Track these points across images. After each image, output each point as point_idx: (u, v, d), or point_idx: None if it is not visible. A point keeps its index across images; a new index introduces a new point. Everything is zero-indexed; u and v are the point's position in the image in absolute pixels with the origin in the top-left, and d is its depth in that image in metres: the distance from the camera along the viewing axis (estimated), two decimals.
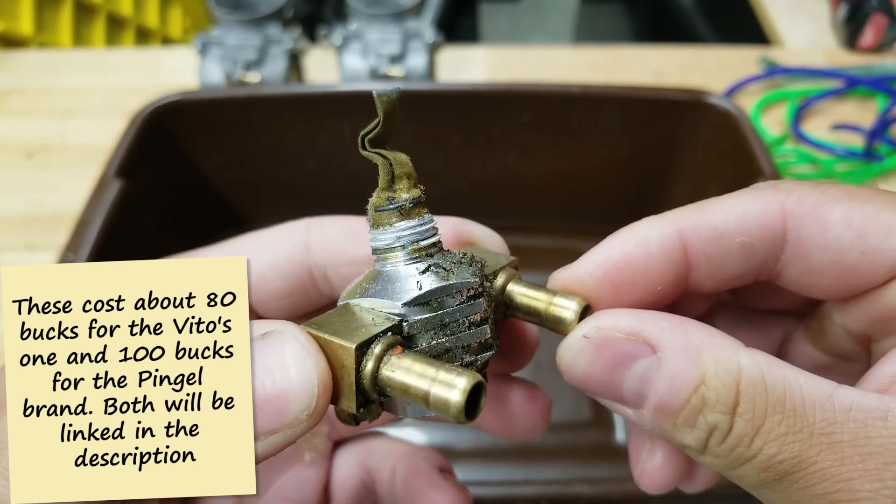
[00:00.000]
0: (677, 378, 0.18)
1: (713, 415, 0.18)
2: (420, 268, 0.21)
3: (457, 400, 0.17)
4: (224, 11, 0.70)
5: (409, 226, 0.21)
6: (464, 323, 0.21)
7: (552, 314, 0.21)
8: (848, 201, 0.20)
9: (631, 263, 0.21)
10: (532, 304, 0.22)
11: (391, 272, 0.21)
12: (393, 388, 0.19)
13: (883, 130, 0.68)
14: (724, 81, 0.75)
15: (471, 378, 0.18)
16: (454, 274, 0.21)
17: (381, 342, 0.19)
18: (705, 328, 0.19)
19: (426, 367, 0.18)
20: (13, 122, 0.73)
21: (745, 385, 0.18)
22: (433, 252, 0.21)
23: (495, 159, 0.62)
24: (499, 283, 0.23)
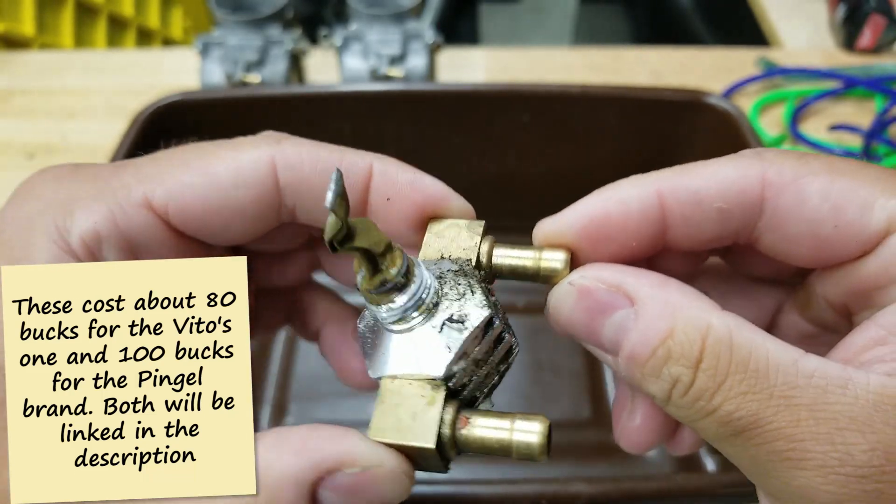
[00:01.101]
0: (648, 330, 0.19)
1: (676, 367, 0.19)
2: (436, 325, 0.21)
3: (540, 441, 0.20)
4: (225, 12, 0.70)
5: (410, 294, 0.21)
6: (490, 350, 0.22)
7: (544, 268, 0.22)
8: (828, 174, 0.21)
9: (610, 219, 0.22)
10: (522, 263, 0.23)
11: (409, 339, 0.21)
12: (472, 446, 0.20)
13: (881, 131, 0.68)
14: (722, 82, 0.75)
15: (542, 420, 0.20)
16: (467, 317, 0.21)
17: (450, 408, 0.21)
18: (686, 289, 0.20)
19: (496, 420, 0.20)
20: (15, 123, 0.73)
21: (710, 342, 0.19)
22: (437, 300, 0.22)
23: (495, 160, 0.62)
24: (484, 256, 0.23)
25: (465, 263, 0.23)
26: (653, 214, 0.22)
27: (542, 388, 0.59)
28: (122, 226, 0.23)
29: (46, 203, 0.23)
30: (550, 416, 0.25)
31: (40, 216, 0.22)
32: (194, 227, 0.24)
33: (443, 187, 0.25)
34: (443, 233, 0.24)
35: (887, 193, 0.20)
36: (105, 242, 0.23)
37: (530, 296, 0.64)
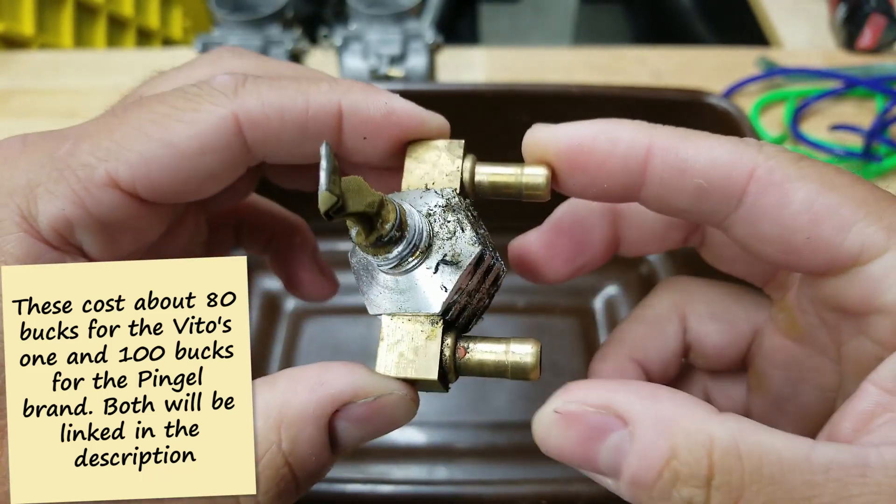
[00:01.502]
0: (648, 452, 0.18)
1: (687, 489, 0.18)
2: (430, 266, 0.22)
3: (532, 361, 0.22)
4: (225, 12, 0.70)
5: (405, 244, 0.22)
6: (482, 279, 0.23)
7: (526, 183, 0.23)
8: (817, 185, 0.20)
9: (595, 150, 0.22)
10: (505, 180, 0.24)
11: (409, 278, 0.22)
12: (471, 370, 0.22)
13: (882, 131, 0.68)
14: (722, 82, 0.75)
15: (535, 343, 0.22)
16: (461, 255, 0.22)
17: (449, 337, 0.22)
18: (676, 396, 0.19)
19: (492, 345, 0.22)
20: (15, 123, 0.73)
21: (718, 456, 0.18)
22: (429, 243, 0.22)
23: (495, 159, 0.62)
24: (466, 175, 0.24)
25: (451, 196, 0.23)
26: (634, 164, 0.21)
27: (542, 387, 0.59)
28: (91, 208, 0.22)
29: (5, 191, 0.22)
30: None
31: (3, 207, 0.21)
32: (164, 196, 0.23)
33: (417, 111, 0.25)
34: (423, 157, 0.24)
35: (869, 218, 0.19)
36: (76, 227, 0.22)
37: (530, 296, 0.64)
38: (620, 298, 0.65)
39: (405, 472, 0.53)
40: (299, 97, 0.23)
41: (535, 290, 0.65)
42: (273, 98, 0.23)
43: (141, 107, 0.23)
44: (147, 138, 0.22)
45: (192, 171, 0.23)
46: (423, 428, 0.56)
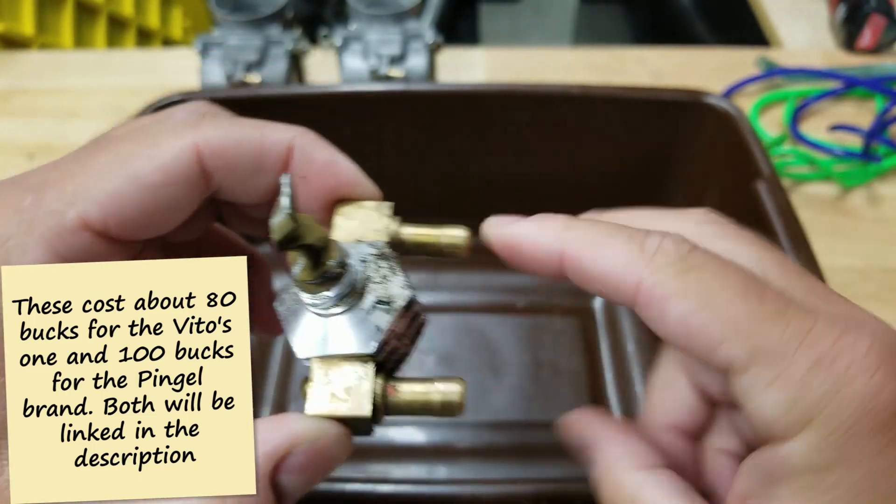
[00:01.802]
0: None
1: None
2: (364, 307, 0.23)
3: (458, 400, 0.22)
4: (225, 12, 0.70)
5: (345, 284, 0.23)
6: (409, 324, 0.24)
7: (447, 244, 0.25)
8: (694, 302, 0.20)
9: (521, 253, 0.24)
10: (428, 240, 0.25)
11: (337, 322, 0.23)
12: (399, 410, 0.23)
13: (881, 131, 0.68)
14: (722, 82, 0.75)
15: (460, 382, 0.23)
16: (393, 297, 0.23)
17: (380, 380, 0.23)
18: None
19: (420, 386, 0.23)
20: (15, 123, 0.73)
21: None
22: (364, 285, 0.23)
23: (495, 159, 0.63)
24: (392, 236, 0.25)
25: (383, 246, 0.25)
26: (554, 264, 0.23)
27: (542, 387, 0.59)
28: (63, 254, 0.22)
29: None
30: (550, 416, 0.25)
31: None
32: (134, 231, 0.24)
33: (356, 171, 0.26)
34: (352, 215, 0.26)
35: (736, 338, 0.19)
36: None
37: (530, 296, 0.64)
38: None
39: (405, 471, 0.54)
40: (256, 131, 0.24)
41: (535, 289, 0.65)
42: (232, 129, 0.24)
43: (101, 148, 0.23)
44: (112, 176, 0.22)
45: (158, 202, 0.23)
46: (423, 427, 0.56)
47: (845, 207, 0.65)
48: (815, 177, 0.67)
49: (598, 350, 0.62)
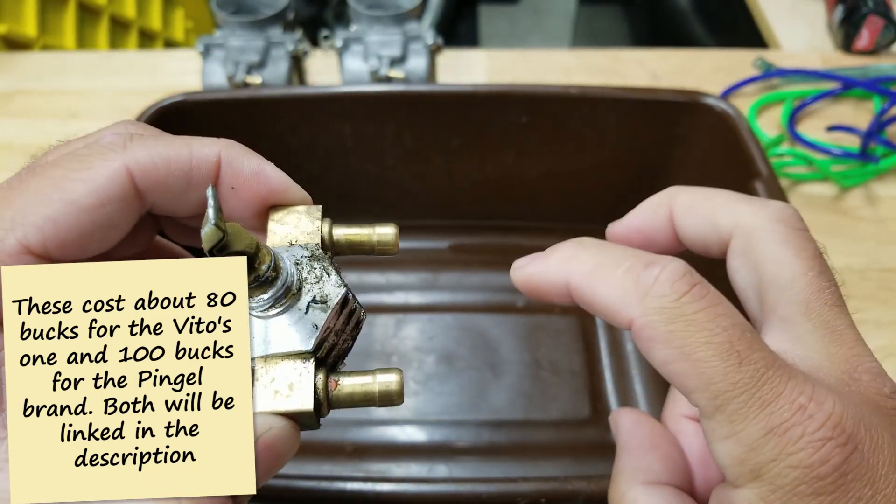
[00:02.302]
0: None
1: None
2: (302, 307, 0.24)
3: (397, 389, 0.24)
4: (226, 14, 0.71)
5: (279, 285, 0.24)
6: (346, 320, 0.25)
7: (378, 241, 0.26)
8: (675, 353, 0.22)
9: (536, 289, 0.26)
10: (359, 238, 0.26)
11: (281, 320, 0.24)
12: (341, 403, 0.24)
13: (879, 131, 0.68)
14: (720, 83, 0.75)
15: (398, 372, 0.24)
16: (328, 296, 0.24)
17: (321, 375, 0.24)
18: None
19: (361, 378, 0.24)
20: (17, 124, 0.73)
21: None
22: (300, 285, 0.24)
23: (494, 160, 0.63)
24: (325, 234, 0.26)
25: (315, 248, 0.25)
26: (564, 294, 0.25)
27: (542, 386, 0.59)
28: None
29: None
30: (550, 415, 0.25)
31: None
32: (74, 252, 0.24)
33: (284, 178, 0.27)
34: (284, 219, 0.27)
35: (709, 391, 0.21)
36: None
37: None
38: None
39: (405, 470, 0.54)
40: (183, 148, 0.25)
41: None
42: (160, 149, 0.25)
43: (35, 174, 0.24)
44: (48, 200, 0.23)
45: (95, 223, 0.24)
46: (423, 426, 0.56)
47: (843, 207, 0.65)
48: (813, 177, 0.67)
49: (597, 350, 0.62)
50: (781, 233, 0.24)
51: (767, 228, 0.24)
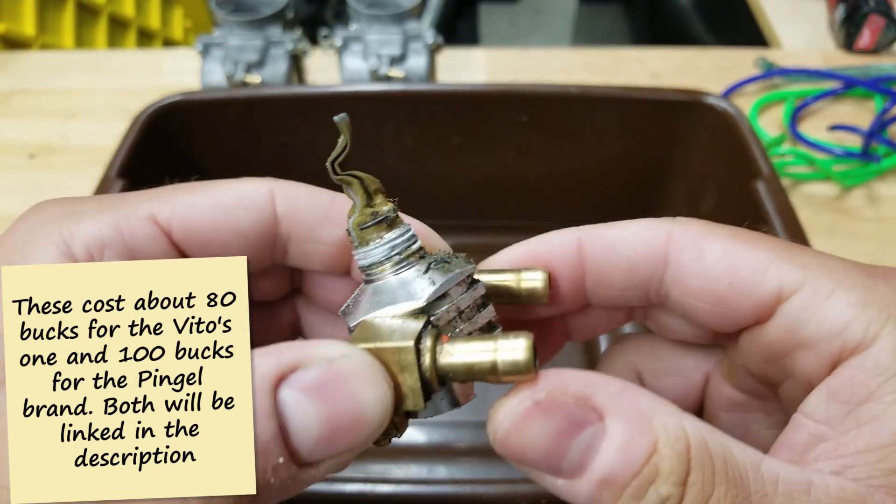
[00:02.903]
0: (630, 447, 0.17)
1: (666, 486, 0.17)
2: (421, 268, 0.22)
3: (526, 357, 0.18)
4: (225, 13, 0.70)
5: (398, 234, 0.22)
6: (474, 306, 0.22)
7: (525, 288, 0.23)
8: (730, 238, 0.22)
9: (535, 258, 0.24)
10: (504, 284, 0.24)
11: (393, 281, 0.22)
12: (456, 372, 0.19)
13: (880, 131, 0.68)
14: (721, 82, 0.75)
15: (527, 336, 0.19)
16: (453, 265, 0.22)
17: (429, 334, 0.20)
18: (647, 392, 0.19)
19: (479, 343, 0.19)
20: (16, 123, 0.73)
21: (694, 453, 0.17)
22: (423, 254, 0.22)
23: (494, 160, 0.63)
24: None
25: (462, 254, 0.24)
26: (571, 257, 0.23)
27: None
28: (126, 235, 0.23)
29: (53, 216, 0.23)
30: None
31: (45, 224, 0.23)
32: (196, 243, 0.25)
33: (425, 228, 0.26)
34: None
35: (781, 259, 0.20)
36: (108, 249, 0.23)
37: None
38: None
39: (405, 471, 0.54)
40: (327, 193, 0.26)
41: None
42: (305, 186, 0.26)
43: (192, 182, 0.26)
44: (192, 192, 0.24)
45: (226, 221, 0.24)
46: (423, 427, 0.56)
47: (844, 207, 0.65)
48: (815, 177, 0.67)
49: (597, 350, 0.62)
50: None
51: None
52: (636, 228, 0.23)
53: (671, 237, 0.22)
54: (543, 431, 0.18)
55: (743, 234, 0.22)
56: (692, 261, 0.22)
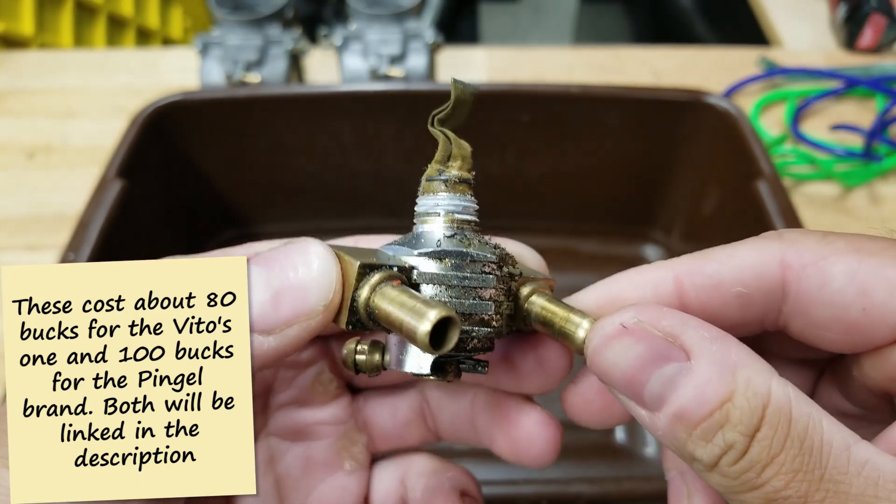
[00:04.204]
0: (706, 389, 0.18)
1: (733, 434, 0.18)
2: (447, 233, 0.22)
3: (424, 329, 0.18)
4: (224, 12, 0.70)
5: (450, 197, 0.23)
6: (470, 292, 0.22)
7: (562, 327, 0.22)
8: (853, 254, 0.20)
9: (622, 301, 0.22)
10: (548, 315, 0.22)
11: (424, 231, 0.23)
12: (379, 313, 0.20)
13: (882, 130, 0.68)
14: (723, 82, 0.75)
15: (442, 310, 0.18)
16: (475, 247, 0.22)
17: (382, 272, 0.20)
18: (744, 348, 0.19)
19: (409, 299, 0.19)
20: (14, 123, 0.73)
21: (770, 411, 0.18)
22: (468, 229, 0.23)
23: (495, 159, 0.62)
24: (525, 292, 0.23)
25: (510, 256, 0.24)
26: (668, 298, 0.22)
27: None
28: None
29: None
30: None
31: None
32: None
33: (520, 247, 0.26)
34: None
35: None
36: None
37: None
38: None
39: None
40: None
41: None
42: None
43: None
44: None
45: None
46: None
47: (846, 207, 0.65)
48: (816, 176, 0.67)
49: None
50: None
51: None
52: (742, 258, 0.21)
53: (786, 263, 0.20)
54: (627, 356, 0.19)
55: (866, 245, 0.20)
56: (815, 287, 0.20)
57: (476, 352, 0.22)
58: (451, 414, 0.27)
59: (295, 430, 0.28)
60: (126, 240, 0.49)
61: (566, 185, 0.64)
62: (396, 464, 0.28)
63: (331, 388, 0.28)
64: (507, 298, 0.23)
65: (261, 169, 0.62)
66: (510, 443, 0.25)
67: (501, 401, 0.25)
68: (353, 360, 0.23)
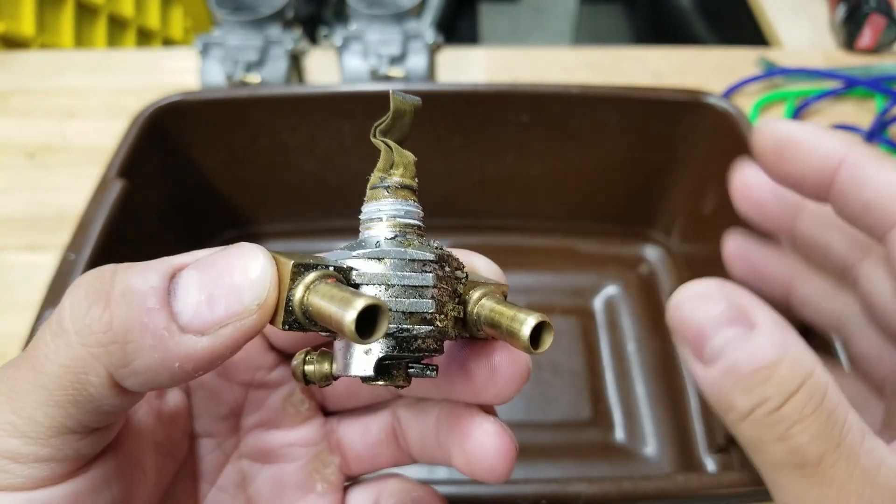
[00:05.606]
0: (759, 351, 0.21)
1: (771, 388, 0.21)
2: (388, 235, 0.22)
3: (350, 317, 0.17)
4: (225, 12, 0.70)
5: (392, 202, 0.23)
6: (410, 291, 0.21)
7: (509, 326, 0.21)
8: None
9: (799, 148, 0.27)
10: (495, 317, 0.22)
11: (367, 236, 0.23)
12: (312, 310, 0.19)
13: (881, 131, 0.68)
14: (722, 82, 0.75)
15: (369, 300, 0.18)
16: (415, 247, 0.22)
17: (317, 272, 0.20)
18: (804, 344, 0.22)
19: (340, 292, 0.19)
20: (15, 123, 0.73)
21: (809, 384, 0.21)
22: (410, 233, 0.23)
23: (495, 160, 0.62)
24: (475, 296, 0.23)
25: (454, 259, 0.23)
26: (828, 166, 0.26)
27: (542, 387, 0.59)
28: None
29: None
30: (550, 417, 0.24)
31: None
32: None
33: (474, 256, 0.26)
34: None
35: None
36: None
37: (530, 295, 0.64)
38: (620, 298, 0.65)
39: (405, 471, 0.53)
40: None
41: (535, 289, 0.65)
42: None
43: None
44: None
45: None
46: None
47: None
48: None
49: (598, 350, 0.62)
50: None
51: None
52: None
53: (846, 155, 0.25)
54: (704, 312, 0.22)
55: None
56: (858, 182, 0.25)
57: (423, 353, 0.21)
58: (418, 432, 0.27)
59: (267, 451, 0.28)
60: (127, 240, 0.49)
61: (566, 185, 0.64)
62: (371, 487, 0.28)
63: (302, 410, 0.28)
64: (454, 300, 0.23)
65: (261, 169, 0.63)
66: (464, 455, 0.24)
67: (460, 413, 0.25)
68: (303, 371, 0.23)
